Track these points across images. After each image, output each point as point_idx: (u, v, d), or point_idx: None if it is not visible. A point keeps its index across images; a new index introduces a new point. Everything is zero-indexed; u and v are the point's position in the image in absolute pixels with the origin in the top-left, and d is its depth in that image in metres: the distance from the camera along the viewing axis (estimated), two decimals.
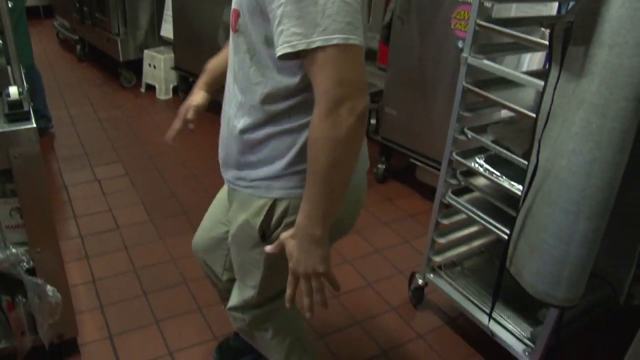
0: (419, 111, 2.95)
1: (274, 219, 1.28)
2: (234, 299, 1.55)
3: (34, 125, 1.56)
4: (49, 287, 1.71)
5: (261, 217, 1.28)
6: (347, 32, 0.99)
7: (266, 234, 1.31)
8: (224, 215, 1.54)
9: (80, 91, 4.54)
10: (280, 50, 1.01)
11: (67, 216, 2.84)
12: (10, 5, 1.72)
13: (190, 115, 1.66)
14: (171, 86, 4.48)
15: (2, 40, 1.77)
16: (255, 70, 1.18)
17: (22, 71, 1.74)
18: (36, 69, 3.46)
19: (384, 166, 3.28)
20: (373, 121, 3.21)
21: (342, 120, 1.01)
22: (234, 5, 1.17)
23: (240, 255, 1.44)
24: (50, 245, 1.74)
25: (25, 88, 1.70)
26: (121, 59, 4.50)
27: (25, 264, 1.70)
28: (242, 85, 1.23)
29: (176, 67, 4.33)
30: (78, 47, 5.26)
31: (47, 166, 3.29)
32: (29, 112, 1.60)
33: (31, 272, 1.72)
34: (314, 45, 0.98)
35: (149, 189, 3.14)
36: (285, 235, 1.18)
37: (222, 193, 1.63)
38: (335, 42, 0.98)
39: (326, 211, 1.10)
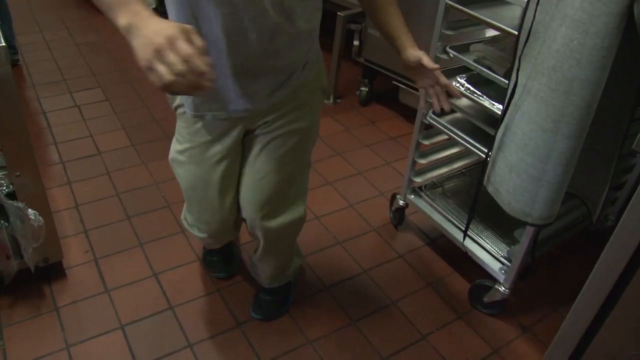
0: None
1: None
2: (286, 217, 1.62)
3: (3, 44, 1.51)
4: (30, 211, 1.71)
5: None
6: None
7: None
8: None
9: (55, 15, 4.38)
10: None
11: (47, 142, 2.81)
12: None
13: None
14: (151, 8, 4.32)
15: None
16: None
17: None
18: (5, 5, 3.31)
19: (367, 89, 3.25)
20: (356, 42, 3.15)
21: None
22: None
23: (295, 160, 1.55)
24: (30, 169, 1.72)
25: None
26: None
27: (5, 188, 1.70)
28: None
29: None
30: None
31: (23, 93, 3.22)
32: None
33: (12, 196, 1.72)
34: None
35: (129, 113, 3.10)
36: None
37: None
38: None
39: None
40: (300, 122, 1.49)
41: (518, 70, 1.46)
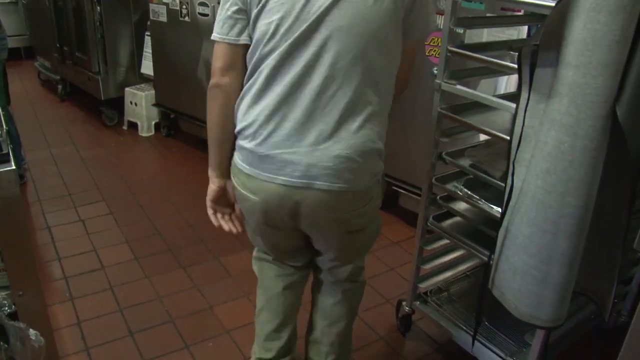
0: (398, 138, 2.97)
1: None
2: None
3: (14, 167, 1.55)
4: (31, 331, 1.69)
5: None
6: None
7: None
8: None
9: (62, 131, 4.54)
10: None
11: (50, 258, 2.81)
12: None
13: None
14: (153, 123, 4.49)
15: None
16: None
17: (2, 113, 1.75)
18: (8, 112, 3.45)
19: None
20: None
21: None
22: None
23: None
24: (33, 288, 1.72)
25: (4, 130, 1.71)
26: (102, 97, 4.52)
27: (7, 308, 1.68)
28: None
29: (157, 104, 4.35)
30: (59, 86, 5.28)
31: (29, 208, 3.27)
32: (8, 154, 1.60)
33: (13, 316, 1.70)
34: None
35: (133, 227, 3.12)
36: None
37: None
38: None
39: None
40: None
41: (513, 174, 1.49)
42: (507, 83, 2.66)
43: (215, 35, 1.52)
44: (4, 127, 1.71)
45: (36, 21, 5.70)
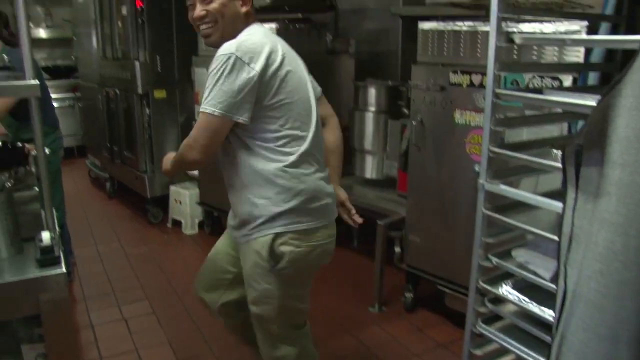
0: (443, 236, 2.95)
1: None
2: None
3: (64, 270, 1.59)
4: None
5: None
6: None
7: None
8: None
9: (109, 227, 4.66)
10: None
11: (93, 357, 2.80)
12: (47, 152, 1.83)
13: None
14: (197, 221, 4.57)
15: (39, 187, 1.86)
16: None
17: (57, 214, 1.82)
18: (66, 230, 3.61)
19: (411, 295, 3.23)
20: (397, 249, 3.20)
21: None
22: None
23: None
24: None
25: (58, 233, 1.76)
26: (148, 196, 4.65)
27: None
28: None
29: (201, 202, 4.45)
30: (108, 184, 5.49)
31: (74, 306, 3.30)
32: (60, 257, 1.64)
33: None
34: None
35: (175, 327, 3.11)
36: None
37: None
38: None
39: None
40: None
41: (565, 276, 1.45)
42: (551, 179, 2.64)
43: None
44: (57, 229, 1.77)
45: (90, 122, 6.03)
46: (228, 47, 1.73)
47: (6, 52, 3.10)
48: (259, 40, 1.80)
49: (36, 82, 1.62)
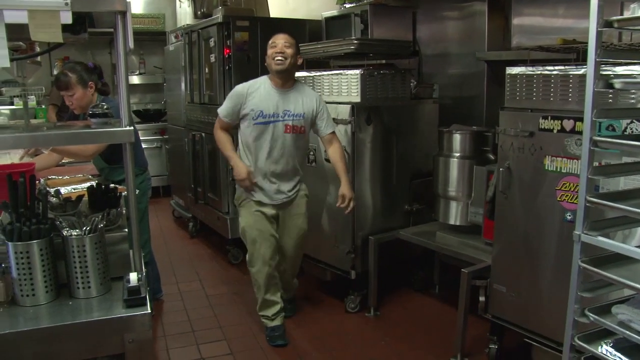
0: (530, 286, 2.80)
1: None
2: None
3: (149, 311, 1.62)
4: None
5: None
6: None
7: None
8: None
9: (190, 267, 4.76)
10: None
11: None
12: (137, 193, 1.89)
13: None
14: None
15: (128, 227, 1.92)
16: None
17: (143, 254, 1.86)
18: (155, 267, 3.76)
19: (496, 346, 3.07)
20: (482, 298, 3.07)
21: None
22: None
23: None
24: None
25: (144, 273, 1.80)
26: (229, 236, 4.73)
27: None
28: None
29: None
30: (190, 224, 5.64)
31: (155, 344, 3.36)
32: (146, 297, 1.67)
33: None
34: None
35: None
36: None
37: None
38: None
39: None
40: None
41: None
42: None
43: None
44: (144, 270, 1.81)
45: (175, 164, 6.27)
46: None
47: (100, 100, 3.29)
48: None
49: (131, 128, 1.69)
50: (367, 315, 3.72)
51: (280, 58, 3.12)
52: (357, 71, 3.57)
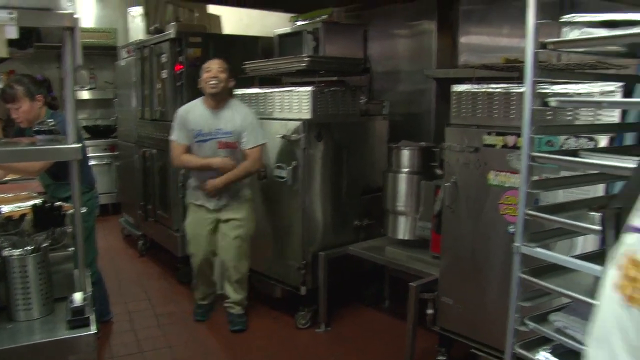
0: (476, 298, 2.87)
1: None
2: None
3: (94, 331, 1.59)
4: None
5: None
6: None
7: None
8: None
9: (139, 286, 4.67)
10: None
11: None
12: (83, 211, 1.86)
13: None
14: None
15: (74, 246, 1.89)
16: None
17: (89, 274, 1.83)
18: (103, 287, 3.74)
19: (445, 357, 3.13)
20: (430, 311, 3.13)
21: None
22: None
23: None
24: None
25: (90, 293, 1.77)
26: (179, 254, 4.66)
27: None
28: None
29: None
30: (140, 242, 5.54)
31: None
32: (90, 318, 1.65)
33: None
34: None
35: None
36: None
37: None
38: None
39: None
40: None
41: None
42: (585, 239, 2.57)
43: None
44: (90, 289, 1.78)
45: (125, 181, 6.16)
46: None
47: (49, 114, 3.22)
48: None
49: (78, 145, 1.68)
50: (317, 330, 3.73)
51: (214, 82, 3.49)
52: (308, 88, 3.62)
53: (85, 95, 7.43)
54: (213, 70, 3.52)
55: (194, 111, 3.63)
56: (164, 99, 4.78)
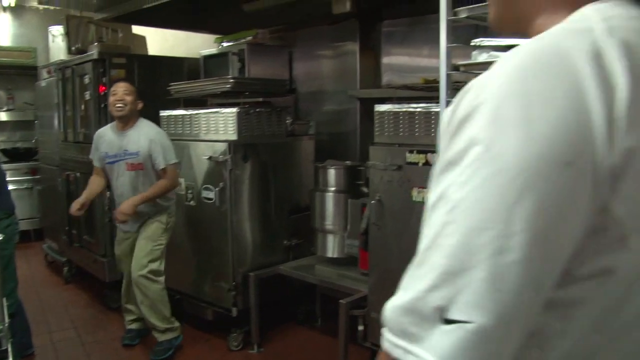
0: None
1: None
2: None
3: None
4: None
5: None
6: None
7: None
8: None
9: (64, 314, 4.49)
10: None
11: None
12: (1, 238, 1.80)
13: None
14: None
15: None
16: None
17: (7, 304, 1.77)
18: (25, 318, 3.54)
19: None
20: (361, 327, 3.17)
21: None
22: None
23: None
24: None
25: (7, 324, 1.71)
26: (107, 280, 4.54)
27: None
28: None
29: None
30: (65, 269, 5.33)
31: None
32: (7, 350, 1.59)
33: None
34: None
35: None
36: None
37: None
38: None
39: None
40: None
41: None
42: None
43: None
44: (6, 320, 1.72)
45: (48, 205, 5.95)
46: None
47: None
48: None
49: None
50: (250, 352, 3.70)
51: (120, 105, 3.55)
52: (234, 109, 3.63)
53: (3, 116, 7.16)
54: (119, 93, 3.57)
55: (106, 134, 3.73)
56: (87, 121, 4.67)
